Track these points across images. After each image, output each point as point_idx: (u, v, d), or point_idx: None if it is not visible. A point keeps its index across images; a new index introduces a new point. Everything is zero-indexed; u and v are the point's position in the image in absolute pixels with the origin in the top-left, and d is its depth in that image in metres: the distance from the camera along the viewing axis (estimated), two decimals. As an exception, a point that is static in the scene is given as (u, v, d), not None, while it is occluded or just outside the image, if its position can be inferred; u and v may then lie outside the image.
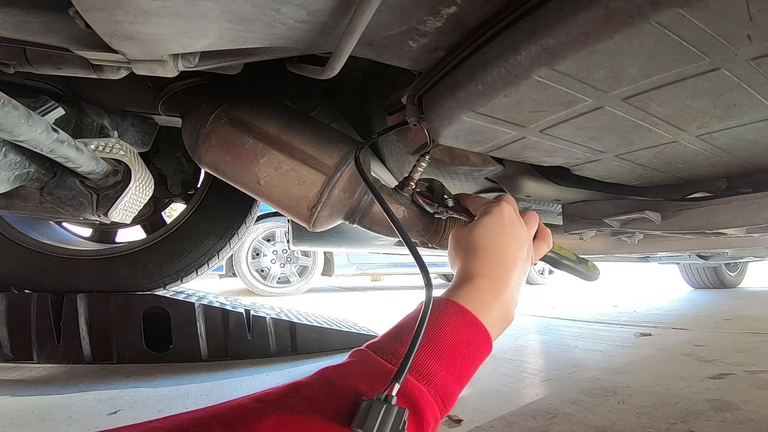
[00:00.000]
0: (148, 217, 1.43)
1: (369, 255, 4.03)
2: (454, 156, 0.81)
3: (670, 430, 0.77)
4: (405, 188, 0.61)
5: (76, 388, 1.04)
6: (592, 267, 0.66)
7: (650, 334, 1.72)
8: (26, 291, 1.23)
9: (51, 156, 0.54)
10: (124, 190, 0.69)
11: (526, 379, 1.14)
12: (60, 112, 0.69)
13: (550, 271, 5.20)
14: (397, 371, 0.33)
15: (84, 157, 0.60)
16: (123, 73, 0.54)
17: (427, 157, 0.61)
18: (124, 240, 1.45)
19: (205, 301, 1.32)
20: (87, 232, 1.49)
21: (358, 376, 0.34)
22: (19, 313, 1.18)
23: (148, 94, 0.80)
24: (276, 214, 3.41)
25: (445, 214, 0.60)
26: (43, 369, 1.20)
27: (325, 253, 3.83)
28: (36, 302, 1.19)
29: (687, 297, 3.22)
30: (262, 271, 3.63)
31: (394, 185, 0.63)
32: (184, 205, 1.34)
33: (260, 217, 3.50)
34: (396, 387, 0.31)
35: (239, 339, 1.31)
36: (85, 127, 0.79)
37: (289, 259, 3.68)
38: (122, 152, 0.69)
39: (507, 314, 0.44)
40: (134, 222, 1.39)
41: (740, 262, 3.68)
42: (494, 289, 0.44)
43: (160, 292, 1.29)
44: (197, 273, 1.32)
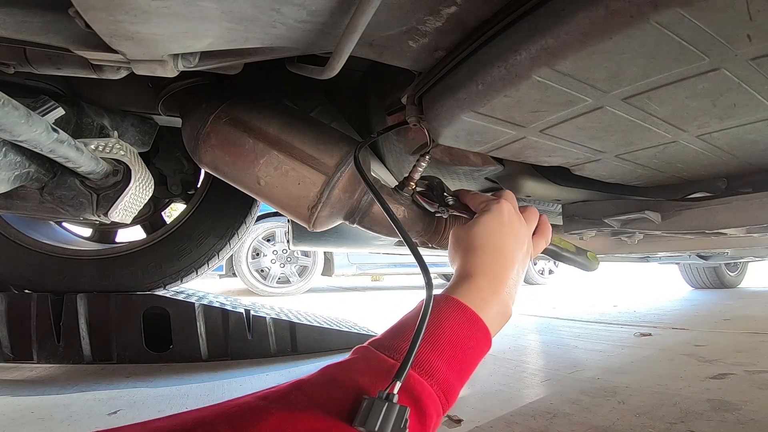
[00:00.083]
0: (148, 217, 1.43)
1: (369, 255, 4.03)
2: (454, 156, 0.81)
3: (670, 430, 0.77)
4: (405, 188, 0.61)
5: (76, 388, 1.04)
6: (592, 257, 0.67)
7: (650, 334, 1.72)
8: (26, 291, 1.23)
9: (51, 156, 0.54)
10: (124, 190, 0.69)
11: (526, 379, 1.14)
12: (60, 112, 0.69)
13: (550, 271, 5.21)
14: (400, 367, 0.33)
15: (84, 157, 0.60)
16: (123, 73, 0.54)
17: (427, 157, 0.61)
18: (124, 240, 1.45)
19: (205, 301, 1.32)
20: (87, 232, 1.49)
21: (361, 372, 0.35)
22: (19, 313, 1.18)
23: (148, 94, 0.80)
24: (276, 214, 3.41)
25: (445, 213, 0.60)
26: (43, 369, 1.20)
27: (325, 253, 3.83)
28: (36, 302, 1.19)
29: (687, 297, 3.22)
30: (262, 271, 3.63)
31: (394, 185, 0.63)
32: (184, 205, 1.34)
33: (260, 217, 3.50)
34: (397, 385, 0.32)
35: (239, 339, 1.31)
36: (85, 127, 0.79)
37: (289, 259, 3.68)
38: (122, 152, 0.69)
39: (505, 311, 0.45)
40: (134, 222, 1.39)
41: (740, 262, 3.68)
42: (493, 286, 0.44)
43: (160, 292, 1.29)
44: (197, 273, 1.32)
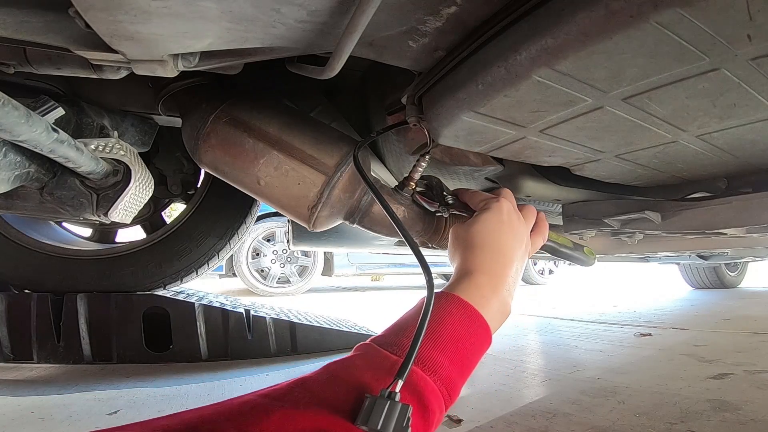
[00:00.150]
0: (148, 217, 1.43)
1: (369, 255, 4.02)
2: (454, 156, 0.81)
3: (670, 430, 0.77)
4: (405, 188, 0.61)
5: (76, 388, 1.04)
6: (589, 252, 0.68)
7: (650, 334, 1.72)
8: (26, 291, 1.23)
9: (51, 156, 0.54)
10: (124, 190, 0.69)
11: (526, 379, 1.14)
12: (60, 112, 0.69)
13: (550, 271, 5.21)
14: (402, 365, 0.33)
15: (84, 157, 0.60)
16: (123, 73, 0.54)
17: (427, 157, 0.61)
18: (124, 240, 1.45)
19: (205, 301, 1.32)
20: (87, 232, 1.49)
21: (363, 368, 0.35)
22: (19, 313, 1.18)
23: (148, 94, 0.80)
24: (276, 214, 3.41)
25: (446, 212, 0.60)
26: (43, 369, 1.20)
27: (325, 253, 3.83)
28: (36, 302, 1.19)
29: (687, 297, 3.22)
30: (262, 271, 3.63)
31: (394, 185, 0.63)
32: (184, 205, 1.34)
33: (260, 217, 3.50)
34: (399, 383, 0.32)
35: (239, 339, 1.31)
36: (85, 127, 0.79)
37: (289, 259, 3.68)
38: (122, 152, 0.69)
39: (505, 308, 0.45)
40: (134, 222, 1.39)
41: (740, 262, 3.68)
42: (493, 284, 0.45)
43: (160, 292, 1.29)
44: (197, 273, 1.32)
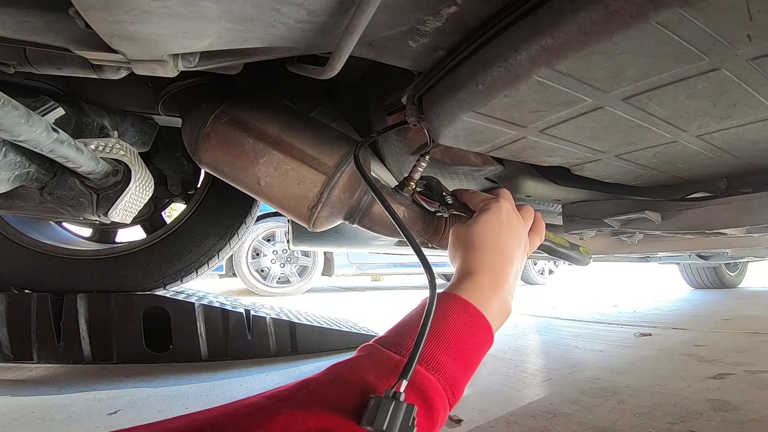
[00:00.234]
0: (148, 217, 1.43)
1: (369, 255, 4.02)
2: (454, 156, 0.81)
3: (670, 430, 0.77)
4: (405, 188, 0.61)
5: (76, 388, 1.04)
6: (584, 252, 0.69)
7: (650, 334, 1.72)
8: (26, 291, 1.23)
9: (51, 156, 0.54)
10: (124, 190, 0.69)
11: (526, 379, 1.14)
12: (60, 112, 0.69)
13: (550, 271, 5.21)
14: (406, 364, 0.33)
15: (84, 157, 0.60)
16: (123, 73, 0.54)
17: (427, 157, 0.61)
18: (124, 240, 1.44)
19: (205, 301, 1.32)
20: (87, 232, 1.49)
21: (368, 369, 0.35)
22: (19, 313, 1.18)
23: (148, 94, 0.80)
24: (276, 214, 3.41)
25: (446, 212, 0.60)
26: (43, 369, 1.20)
27: (325, 253, 3.83)
28: (36, 302, 1.19)
29: (687, 297, 3.22)
30: (262, 271, 3.63)
31: (394, 185, 0.63)
32: (184, 205, 1.34)
33: (260, 217, 3.50)
34: (404, 383, 0.32)
35: (239, 339, 1.31)
36: (85, 127, 0.79)
37: (289, 259, 3.68)
38: (122, 152, 0.69)
39: (506, 308, 0.46)
40: (134, 222, 1.39)
41: (740, 262, 3.67)
42: (493, 284, 0.45)
43: (160, 292, 1.29)
44: (197, 273, 1.31)
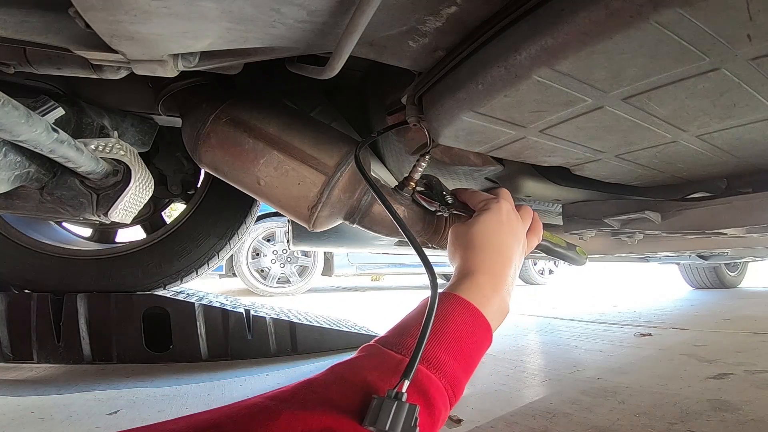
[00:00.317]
0: (148, 217, 1.43)
1: (369, 255, 4.03)
2: (454, 156, 0.81)
3: (670, 430, 0.77)
4: (405, 188, 0.61)
5: (76, 388, 1.04)
6: (581, 252, 0.70)
7: (650, 334, 1.72)
8: (26, 291, 1.23)
9: (51, 156, 0.54)
10: (124, 190, 0.69)
11: (526, 379, 1.14)
12: (60, 112, 0.69)
13: (550, 271, 5.21)
14: (408, 364, 0.33)
15: (84, 157, 0.60)
16: (123, 73, 0.54)
17: (427, 157, 0.61)
18: (124, 240, 1.44)
19: (205, 301, 1.32)
20: (87, 232, 1.49)
21: (369, 369, 0.35)
22: (19, 313, 1.18)
23: (148, 94, 0.80)
24: (276, 214, 3.41)
25: (446, 211, 0.60)
26: (43, 369, 1.20)
27: (325, 253, 3.83)
28: (36, 302, 1.19)
29: (687, 297, 3.22)
30: (262, 271, 3.63)
31: (394, 185, 0.63)
32: (184, 205, 1.34)
33: (260, 217, 3.50)
34: (406, 383, 0.32)
35: (239, 339, 1.31)
36: (85, 127, 0.79)
37: (289, 259, 3.68)
38: (122, 152, 0.69)
39: (505, 307, 0.46)
40: (134, 222, 1.39)
41: (740, 262, 3.68)
42: (493, 283, 0.46)
43: (160, 292, 1.29)
44: (197, 273, 1.31)
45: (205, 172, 1.32)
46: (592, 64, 0.37)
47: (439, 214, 0.62)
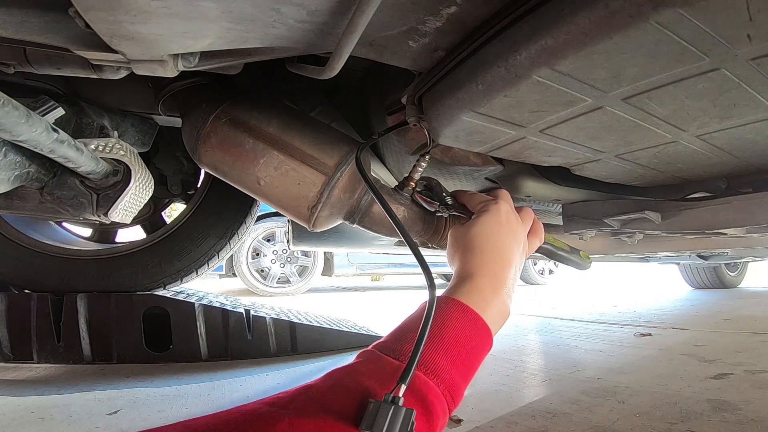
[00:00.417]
0: (148, 217, 1.43)
1: (369, 255, 4.03)
2: (454, 156, 0.81)
3: (670, 430, 0.77)
4: (405, 188, 0.61)
5: (76, 388, 1.04)
6: (584, 256, 0.69)
7: (650, 334, 1.72)
8: (26, 291, 1.23)
9: (51, 156, 0.54)
10: (124, 190, 0.69)
11: (526, 379, 1.14)
12: (60, 112, 0.69)
13: (550, 271, 5.21)
14: (405, 369, 0.33)
15: (84, 157, 0.60)
16: (123, 73, 0.54)
17: (427, 157, 0.61)
18: (124, 240, 1.45)
19: (205, 301, 1.32)
20: (87, 232, 1.49)
21: (367, 375, 0.35)
22: (19, 313, 1.18)
23: (148, 94, 0.80)
24: (276, 214, 3.41)
25: (445, 212, 0.60)
26: (43, 369, 1.20)
27: (325, 253, 3.83)
28: (36, 302, 1.19)
29: (687, 297, 3.22)
30: (262, 271, 3.63)
31: (394, 185, 0.63)
32: (184, 205, 1.34)
33: (260, 217, 3.50)
34: (402, 388, 0.32)
35: (239, 339, 1.31)
36: (85, 127, 0.79)
37: (289, 259, 3.68)
38: (122, 152, 0.69)
39: (505, 310, 0.46)
40: (134, 222, 1.39)
41: (740, 262, 3.68)
42: (493, 286, 0.45)
43: (160, 292, 1.29)
44: (197, 273, 1.31)
45: (205, 172, 1.32)
46: (592, 64, 0.37)
47: (439, 214, 0.62)
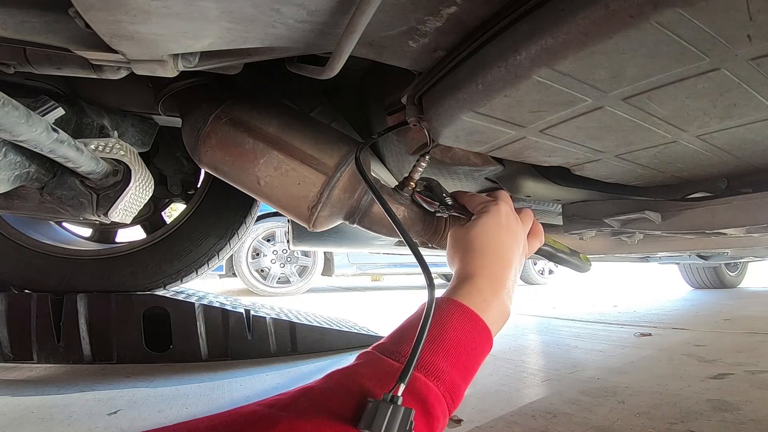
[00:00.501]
0: (148, 217, 1.43)
1: (369, 255, 4.03)
2: (454, 156, 0.81)
3: (670, 430, 0.77)
4: (405, 188, 0.61)
5: (76, 388, 1.04)
6: (584, 259, 0.69)
7: (650, 334, 1.72)
8: (26, 291, 1.23)
9: (51, 156, 0.54)
10: (124, 190, 0.69)
11: (526, 379, 1.14)
12: (60, 112, 0.69)
13: (550, 271, 5.21)
14: (403, 369, 0.33)
15: (84, 157, 0.60)
16: (123, 73, 0.54)
17: (427, 157, 0.61)
18: (124, 240, 1.45)
19: (205, 301, 1.32)
20: (87, 232, 1.49)
21: (367, 376, 0.35)
22: (19, 313, 1.18)
23: (148, 94, 0.80)
24: (276, 214, 3.41)
25: (445, 212, 0.60)
26: (43, 369, 1.20)
27: (325, 253, 3.83)
28: (36, 302, 1.19)
29: (687, 297, 3.22)
30: (262, 271, 3.63)
31: (394, 185, 0.63)
32: (184, 205, 1.34)
33: (260, 217, 3.50)
34: (401, 387, 0.32)
35: (239, 339, 1.31)
36: (85, 127, 0.79)
37: (289, 259, 3.68)
38: (122, 152, 0.69)
39: (505, 311, 0.46)
40: (134, 222, 1.39)
41: (740, 262, 3.68)
42: (493, 287, 0.45)
43: (160, 292, 1.29)
44: (197, 273, 1.31)
45: (205, 172, 1.32)
46: (592, 64, 0.37)
47: (439, 215, 0.62)
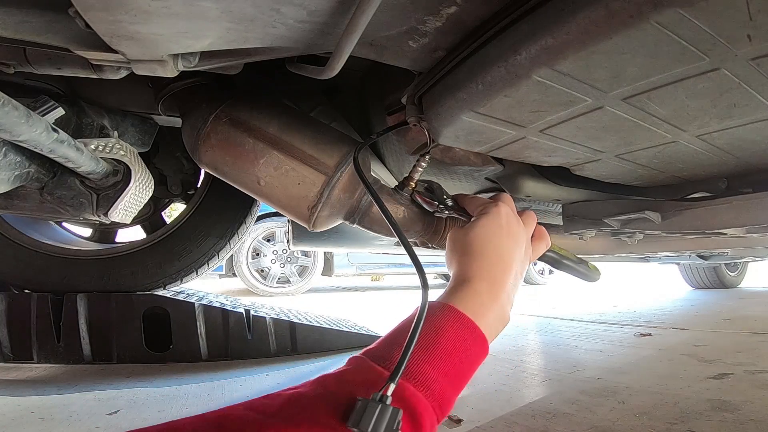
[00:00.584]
0: (148, 217, 1.43)
1: (369, 255, 4.03)
2: (454, 156, 0.81)
3: (670, 430, 0.77)
4: (405, 188, 0.61)
5: (76, 388, 1.04)
6: (593, 268, 0.66)
7: (650, 334, 1.72)
8: (26, 291, 1.23)
9: (51, 156, 0.54)
10: (124, 190, 0.69)
11: (526, 379, 1.14)
12: (60, 112, 0.69)
13: (550, 271, 5.20)
14: (392, 373, 0.33)
15: (84, 157, 0.60)
16: (123, 73, 0.54)
17: (427, 157, 0.61)
18: (124, 240, 1.45)
19: (205, 301, 1.32)
20: (87, 232, 1.49)
21: (356, 383, 0.35)
22: (19, 313, 1.18)
23: (148, 94, 0.80)
24: (276, 214, 3.41)
25: (444, 213, 0.60)
26: (43, 369, 1.20)
27: (325, 253, 3.83)
28: (36, 302, 1.19)
29: (687, 297, 3.22)
30: (262, 271, 3.63)
31: (394, 185, 0.63)
32: (184, 205, 1.34)
33: (260, 217, 3.50)
34: (391, 387, 0.32)
35: (239, 339, 1.31)
36: (85, 127, 0.79)
37: (289, 259, 3.68)
38: (122, 152, 0.69)
39: (504, 316, 0.44)
40: (134, 222, 1.39)
41: (740, 262, 3.68)
42: (491, 291, 0.44)
43: (160, 292, 1.29)
44: (197, 273, 1.32)
45: (205, 172, 1.32)
46: (592, 64, 0.37)
47: (438, 215, 0.62)
